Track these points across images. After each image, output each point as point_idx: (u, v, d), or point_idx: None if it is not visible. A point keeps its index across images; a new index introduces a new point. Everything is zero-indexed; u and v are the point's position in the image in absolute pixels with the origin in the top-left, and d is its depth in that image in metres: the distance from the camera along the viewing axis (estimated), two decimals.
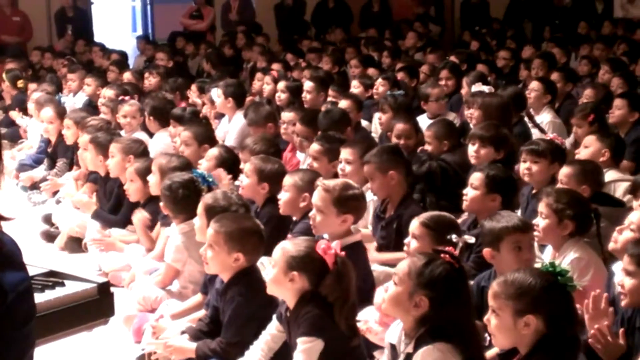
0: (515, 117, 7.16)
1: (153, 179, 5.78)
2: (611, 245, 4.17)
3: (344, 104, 7.60)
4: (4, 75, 10.96)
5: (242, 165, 6.04)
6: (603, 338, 3.57)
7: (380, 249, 5.19)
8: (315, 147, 6.05)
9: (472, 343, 3.32)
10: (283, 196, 5.15)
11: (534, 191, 5.35)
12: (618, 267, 4.06)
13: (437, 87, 8.01)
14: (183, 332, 4.40)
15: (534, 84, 7.96)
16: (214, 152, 6.22)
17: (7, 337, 1.75)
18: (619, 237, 4.12)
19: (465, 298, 3.42)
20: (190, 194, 5.18)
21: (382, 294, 3.66)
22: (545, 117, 7.69)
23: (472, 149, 5.91)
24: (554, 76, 8.59)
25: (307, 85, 8.46)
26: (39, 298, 3.41)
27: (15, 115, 10.24)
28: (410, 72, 9.41)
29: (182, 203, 5.18)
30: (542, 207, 4.38)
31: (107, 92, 8.96)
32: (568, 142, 7.00)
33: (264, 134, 6.85)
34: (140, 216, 5.99)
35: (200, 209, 4.76)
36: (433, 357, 3.23)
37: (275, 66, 10.77)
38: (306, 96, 8.33)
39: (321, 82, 8.60)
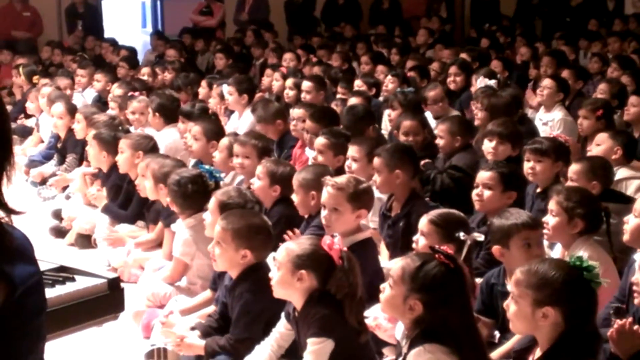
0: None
1: (148, 184, 5.80)
2: (625, 238, 4.16)
3: (353, 101, 7.59)
4: (20, 70, 10.98)
5: (235, 160, 6.04)
6: (622, 330, 3.51)
7: (387, 247, 5.19)
8: (320, 140, 6.09)
9: (467, 345, 3.27)
10: (295, 198, 5.17)
11: (538, 190, 5.33)
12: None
13: (435, 90, 7.83)
14: (193, 328, 4.40)
15: (547, 82, 7.92)
16: (224, 142, 6.26)
17: (18, 331, 1.76)
18: (627, 227, 4.11)
19: (462, 299, 3.35)
20: (198, 189, 5.21)
21: None
22: (556, 115, 7.67)
23: (489, 145, 5.90)
24: (565, 74, 8.56)
25: (305, 85, 8.42)
26: (50, 293, 3.41)
27: (24, 122, 10.24)
28: (422, 72, 9.36)
29: (191, 198, 5.21)
30: (552, 205, 4.37)
31: (117, 91, 8.99)
32: None
33: (258, 132, 6.78)
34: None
35: (212, 205, 4.77)
36: (423, 358, 3.21)
37: (288, 55, 10.77)
38: (305, 96, 8.28)
39: (319, 81, 8.59)
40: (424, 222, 4.25)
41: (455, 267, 3.33)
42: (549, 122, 7.71)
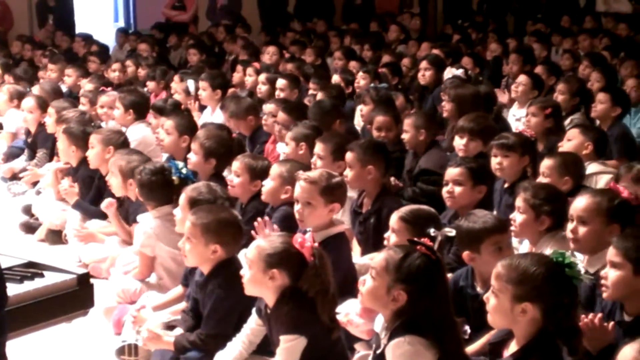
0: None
1: (115, 181, 5.79)
2: (574, 247, 4.08)
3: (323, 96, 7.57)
4: None
5: (189, 155, 5.98)
6: (593, 326, 3.52)
7: (359, 244, 5.20)
8: (289, 134, 6.17)
9: (447, 337, 3.31)
10: (267, 184, 5.16)
11: (506, 185, 5.36)
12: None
13: (397, 99, 7.70)
14: (171, 326, 4.38)
15: (522, 78, 7.93)
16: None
17: None
18: (577, 237, 4.07)
19: (443, 290, 3.41)
20: (159, 180, 5.24)
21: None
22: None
23: (460, 142, 5.90)
24: (537, 70, 8.60)
25: (280, 82, 8.40)
26: (18, 289, 3.40)
27: None
28: (394, 69, 9.35)
29: (152, 190, 5.23)
30: (519, 202, 4.38)
31: (88, 86, 8.93)
32: None
33: (214, 131, 6.66)
34: (107, 203, 5.94)
35: (182, 201, 4.76)
36: (402, 349, 3.24)
37: (271, 49, 10.74)
38: (279, 94, 8.26)
39: (293, 79, 8.58)
40: (394, 219, 4.26)
41: (435, 258, 3.38)
42: (522, 118, 7.73)
